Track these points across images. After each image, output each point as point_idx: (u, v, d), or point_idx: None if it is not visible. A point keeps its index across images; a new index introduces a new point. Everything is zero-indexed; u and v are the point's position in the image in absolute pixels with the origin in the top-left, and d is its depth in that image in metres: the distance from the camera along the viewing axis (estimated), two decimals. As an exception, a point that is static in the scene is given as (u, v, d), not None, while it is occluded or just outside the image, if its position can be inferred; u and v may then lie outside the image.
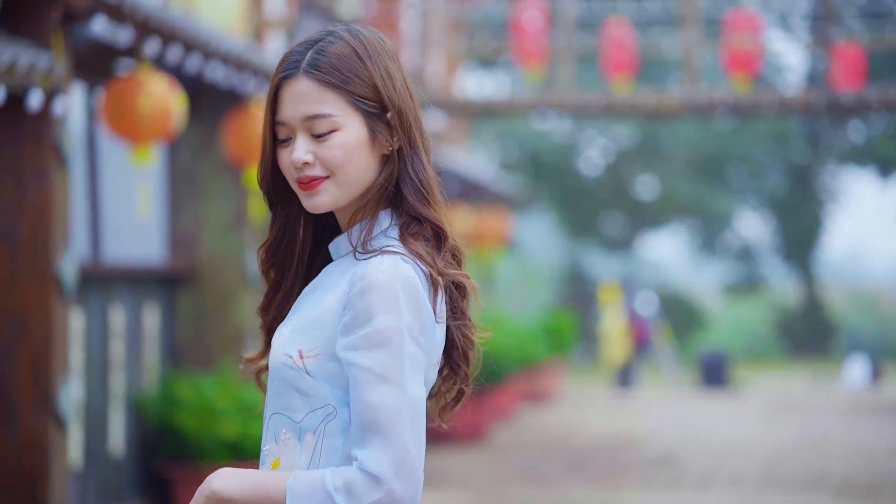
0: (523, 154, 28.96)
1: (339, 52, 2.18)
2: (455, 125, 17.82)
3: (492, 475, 11.03)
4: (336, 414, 2.13)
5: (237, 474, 2.12)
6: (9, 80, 5.84)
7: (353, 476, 2.04)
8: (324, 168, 2.17)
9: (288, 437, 2.15)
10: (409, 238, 2.19)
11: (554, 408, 16.80)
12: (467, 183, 16.45)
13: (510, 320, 16.41)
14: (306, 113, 2.16)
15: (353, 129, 2.17)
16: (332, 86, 2.15)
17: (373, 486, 2.02)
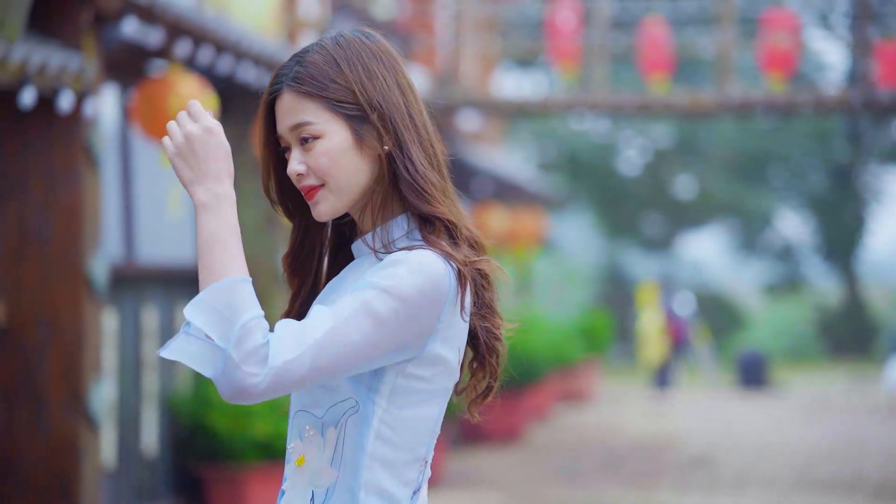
0: (561, 154, 28.91)
1: (317, 60, 2.20)
2: (491, 125, 17.80)
3: (526, 475, 11.02)
4: (358, 408, 2.14)
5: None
6: (39, 82, 5.88)
7: (259, 340, 2.00)
8: (315, 177, 2.19)
9: (312, 434, 2.16)
10: (431, 237, 2.19)
11: (590, 408, 16.76)
12: (502, 183, 16.43)
13: (546, 320, 16.38)
14: (289, 125, 2.19)
15: (336, 134, 2.18)
16: (309, 95, 2.18)
17: (257, 360, 1.98)
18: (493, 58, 16.66)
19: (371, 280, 2.10)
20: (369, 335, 2.07)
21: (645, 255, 30.34)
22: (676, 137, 28.40)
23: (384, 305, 2.08)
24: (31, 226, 6.31)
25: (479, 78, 15.94)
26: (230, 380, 1.99)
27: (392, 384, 2.15)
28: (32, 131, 6.30)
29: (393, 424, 2.16)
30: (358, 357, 2.08)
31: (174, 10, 6.68)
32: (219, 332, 2.00)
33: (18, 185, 6.32)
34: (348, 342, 2.06)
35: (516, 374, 11.08)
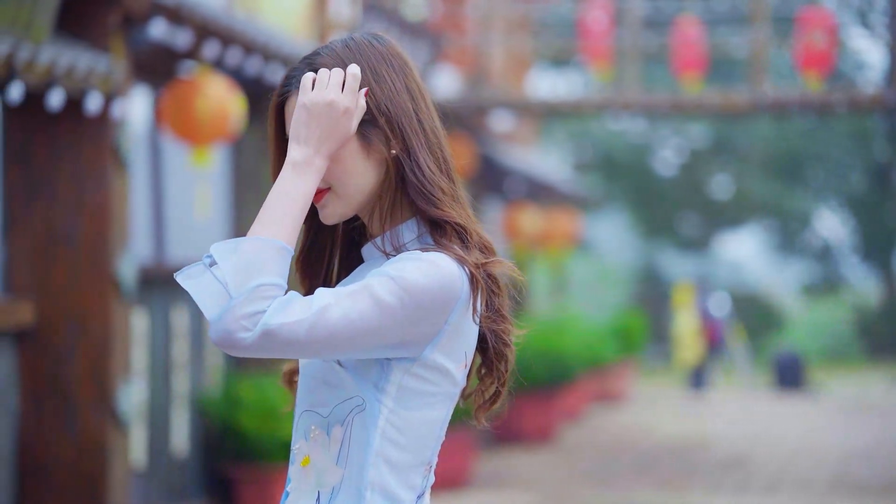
0: (597, 154, 28.84)
1: (326, 64, 2.18)
2: (524, 126, 17.77)
3: (558, 476, 10.99)
4: (365, 406, 2.13)
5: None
6: (67, 84, 5.91)
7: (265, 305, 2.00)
8: (323, 181, 2.18)
9: (317, 433, 2.15)
10: (443, 241, 2.18)
11: (624, 409, 16.70)
12: (536, 183, 16.40)
13: (580, 321, 16.34)
14: None
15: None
16: None
17: (256, 320, 1.99)
18: (527, 58, 16.63)
19: (381, 269, 2.09)
20: (370, 318, 2.05)
21: (681, 255, 30.23)
22: (713, 137, 28.28)
23: (388, 292, 2.06)
24: (59, 227, 6.35)
25: (512, 78, 15.92)
26: (224, 327, 1.99)
27: (399, 384, 2.13)
28: (61, 133, 6.33)
29: (399, 425, 2.14)
30: (355, 338, 2.05)
31: (202, 12, 6.70)
32: (236, 281, 2.00)
33: (47, 186, 6.35)
34: (347, 320, 2.03)
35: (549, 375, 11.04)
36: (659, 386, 20.46)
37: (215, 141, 6.98)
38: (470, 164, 11.53)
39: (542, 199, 17.17)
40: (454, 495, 9.90)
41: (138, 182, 7.70)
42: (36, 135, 6.34)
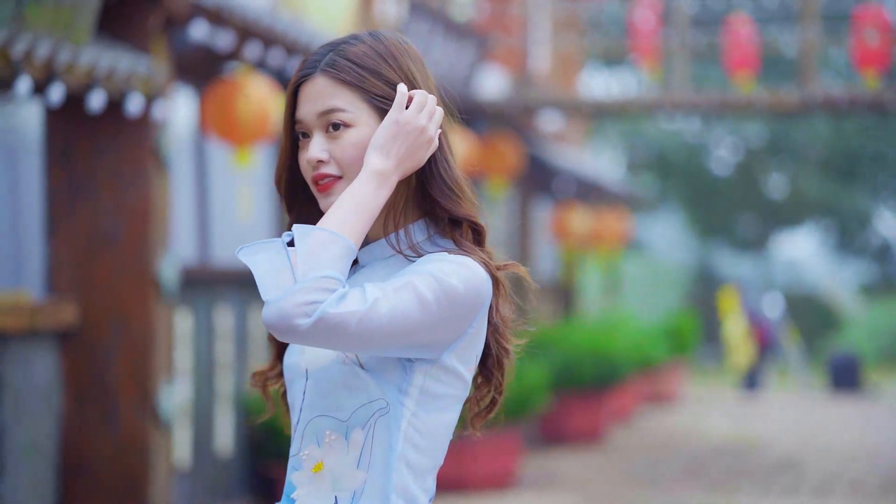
0: (651, 154, 28.69)
1: (358, 52, 2.17)
2: (574, 126, 17.71)
3: (605, 478, 10.93)
4: (389, 409, 2.11)
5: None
6: (108, 86, 5.94)
7: (327, 296, 1.99)
8: (337, 166, 2.15)
9: (333, 438, 2.13)
10: (464, 242, 2.18)
11: (674, 410, 16.60)
12: (585, 183, 16.34)
13: (630, 321, 16.26)
14: (320, 108, 2.15)
15: (369, 126, 2.15)
16: (346, 83, 2.15)
17: (313, 309, 1.98)
18: (577, 58, 16.57)
19: (420, 267, 2.08)
20: (412, 315, 2.05)
21: (737, 255, 30.01)
22: (769, 136, 28.05)
23: (430, 290, 2.06)
24: (101, 228, 6.39)
25: (562, 78, 15.87)
26: (282, 309, 1.98)
27: (421, 386, 2.13)
28: (102, 134, 6.37)
29: (420, 428, 2.14)
30: (396, 334, 2.04)
31: (244, 13, 6.72)
32: (303, 267, 2.00)
33: (89, 187, 6.39)
34: (393, 316, 2.03)
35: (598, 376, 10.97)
36: (711, 387, 20.32)
37: (257, 141, 7.00)
38: (517, 163, 11.50)
39: (591, 199, 17.10)
40: (500, 496, 9.87)
41: (182, 183, 7.74)
42: (78, 136, 6.39)
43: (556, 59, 15.39)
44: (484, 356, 2.22)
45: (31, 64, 5.47)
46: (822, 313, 28.53)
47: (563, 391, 12.48)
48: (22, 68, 5.39)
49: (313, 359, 2.16)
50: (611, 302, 20.44)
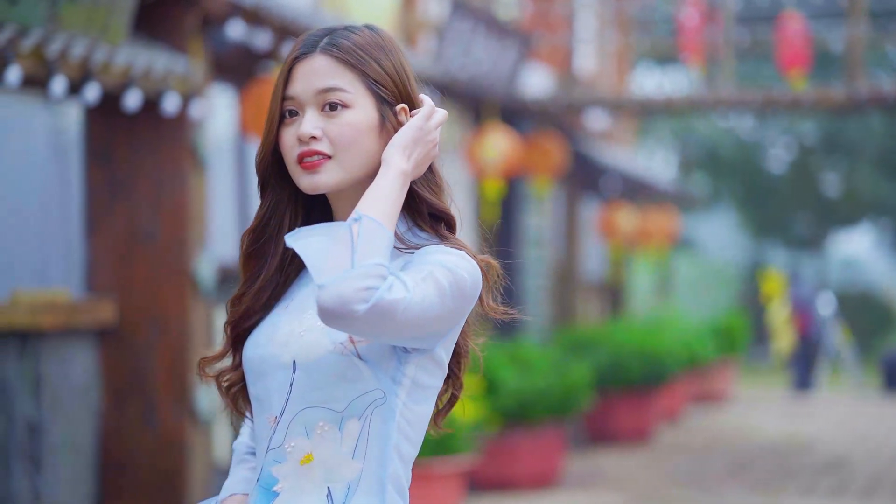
0: (703, 152, 28.52)
1: (359, 38, 2.20)
2: (622, 124, 17.65)
3: (650, 477, 10.88)
4: (385, 400, 2.12)
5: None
6: (144, 85, 5.99)
7: (381, 283, 2.00)
8: (330, 145, 2.15)
9: (326, 429, 2.12)
10: (450, 235, 2.21)
11: (724, 410, 16.49)
12: (632, 181, 16.28)
13: (679, 320, 16.17)
14: (319, 86, 2.16)
15: (365, 110, 2.17)
16: (348, 64, 2.17)
17: (369, 295, 1.99)
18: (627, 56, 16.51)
19: (432, 258, 2.09)
20: (435, 306, 2.06)
21: (792, 254, 29.76)
22: (823, 134, 27.81)
23: (447, 281, 2.07)
24: (139, 227, 6.43)
25: (611, 77, 15.81)
26: (342, 293, 1.97)
27: (412, 377, 2.14)
28: (140, 133, 6.41)
29: (410, 419, 2.15)
30: (421, 323, 2.06)
31: (281, 12, 6.75)
32: (360, 253, 2.00)
33: (128, 186, 6.44)
34: (424, 305, 2.04)
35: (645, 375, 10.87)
36: (761, 387, 20.17)
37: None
38: (563, 162, 11.47)
39: (639, 198, 17.03)
40: (543, 495, 9.85)
41: (221, 182, 7.78)
42: (117, 135, 6.44)
43: (605, 58, 15.33)
44: (453, 352, 2.24)
45: (67, 64, 5.52)
46: (878, 312, 28.24)
47: (610, 390, 12.43)
48: (57, 68, 5.44)
49: (304, 350, 2.14)
50: (662, 301, 20.34)
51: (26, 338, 5.86)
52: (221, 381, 2.29)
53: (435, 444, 7.90)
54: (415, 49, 9.67)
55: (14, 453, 5.80)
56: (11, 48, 5.19)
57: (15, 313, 5.74)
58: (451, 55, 9.50)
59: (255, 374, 2.20)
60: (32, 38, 5.33)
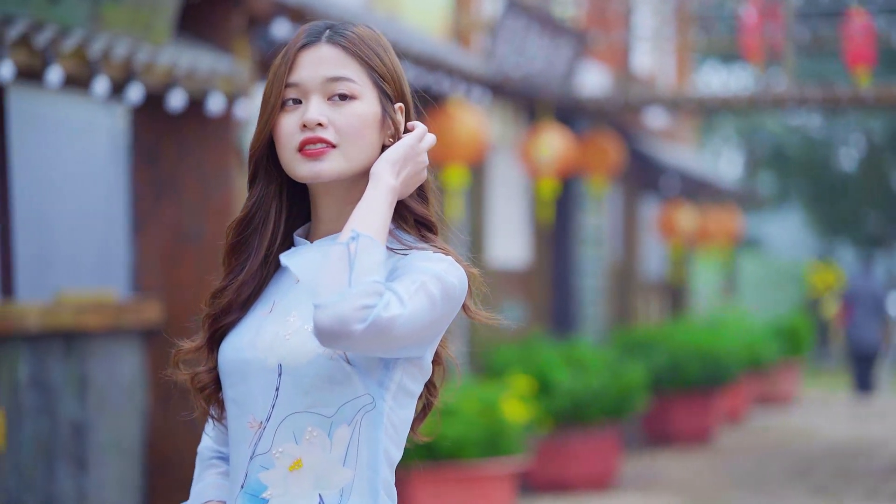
0: (771, 150, 28.22)
1: (363, 33, 2.18)
2: (684, 123, 17.49)
3: (708, 479, 10.76)
4: (374, 405, 2.09)
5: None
6: (189, 85, 5.98)
7: (377, 301, 1.97)
8: (336, 134, 2.12)
9: (315, 434, 2.08)
10: (436, 239, 2.18)
11: (787, 411, 16.29)
12: (693, 180, 16.12)
13: (742, 320, 16.00)
14: (328, 74, 2.13)
15: (370, 103, 2.14)
16: (356, 56, 2.15)
17: (367, 314, 1.96)
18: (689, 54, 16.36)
19: (422, 266, 2.06)
20: (427, 316, 2.04)
21: (862, 252, 29.36)
22: (893, 131, 27.42)
23: (437, 290, 2.05)
24: (186, 227, 6.43)
25: (673, 75, 15.67)
26: (341, 314, 1.94)
27: (398, 382, 2.12)
28: (186, 134, 6.41)
29: (396, 423, 2.13)
30: (415, 336, 2.04)
31: (326, 12, 6.72)
32: (357, 271, 1.97)
33: (174, 185, 6.44)
34: (417, 318, 2.02)
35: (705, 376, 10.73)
36: (826, 388, 19.90)
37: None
38: (619, 161, 11.37)
39: (701, 197, 16.87)
40: (598, 497, 9.77)
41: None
42: (163, 135, 6.44)
43: (664, 56, 15.20)
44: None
45: (109, 64, 5.52)
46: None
47: (668, 391, 12.31)
48: (99, 68, 5.44)
49: (291, 354, 2.09)
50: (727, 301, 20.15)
51: (71, 338, 5.88)
52: (196, 383, 2.24)
53: (485, 444, 7.84)
54: (468, 48, 9.61)
55: (58, 454, 5.82)
56: (53, 48, 5.20)
57: (60, 313, 5.76)
58: (504, 54, 9.44)
59: (235, 377, 2.15)
60: (74, 39, 5.34)
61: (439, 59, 7.97)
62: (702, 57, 24.59)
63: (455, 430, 7.77)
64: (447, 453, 7.79)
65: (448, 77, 8.18)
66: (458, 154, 8.20)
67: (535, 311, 11.37)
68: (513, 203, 10.99)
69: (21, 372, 5.62)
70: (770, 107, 11.06)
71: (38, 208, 6.17)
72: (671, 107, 11.84)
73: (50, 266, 6.24)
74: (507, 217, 10.85)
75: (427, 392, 2.22)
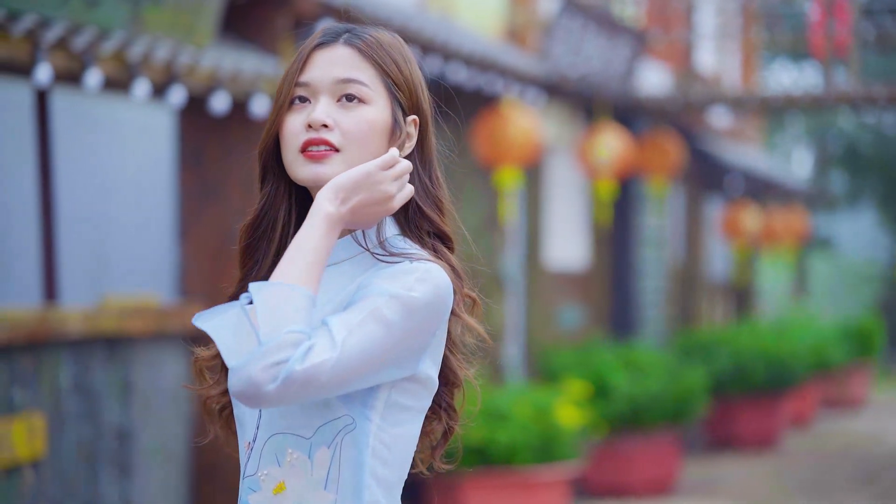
0: (843, 149, 27.82)
1: (384, 38, 2.12)
2: (749, 122, 17.25)
3: (773, 485, 10.57)
4: (355, 425, 2.01)
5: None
6: (233, 87, 5.93)
7: (292, 352, 1.87)
8: (341, 138, 2.03)
9: (296, 457, 2.01)
10: (439, 250, 2.09)
11: (856, 416, 16.00)
12: (758, 180, 15.89)
13: (810, 322, 15.73)
14: (340, 76, 2.05)
15: (381, 110, 2.06)
16: (372, 60, 2.07)
17: (278, 371, 1.86)
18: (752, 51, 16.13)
19: (381, 287, 1.96)
20: (381, 344, 1.94)
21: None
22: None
23: (393, 312, 1.94)
24: (230, 230, 6.38)
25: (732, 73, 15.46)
26: (250, 376, 1.86)
27: (386, 399, 2.02)
28: (231, 136, 6.36)
29: (387, 441, 2.03)
30: (369, 369, 1.94)
31: (374, 12, 6.64)
32: (268, 325, 1.88)
33: (219, 189, 6.39)
34: (364, 352, 1.92)
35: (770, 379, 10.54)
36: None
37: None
38: (680, 161, 11.20)
39: (767, 197, 16.63)
40: (658, 502, 9.62)
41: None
42: (207, 137, 6.39)
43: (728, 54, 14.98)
44: (443, 382, 2.11)
45: (150, 67, 5.48)
46: None
47: (731, 395, 12.12)
48: (139, 71, 5.39)
49: None
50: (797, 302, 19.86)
51: (114, 343, 5.84)
52: (211, 404, 2.18)
53: (538, 450, 7.75)
54: (524, 48, 9.50)
55: (102, 460, 5.78)
56: (91, 51, 5.15)
57: (103, 318, 5.71)
58: (560, 54, 9.32)
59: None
60: (114, 41, 5.29)
61: (491, 59, 7.87)
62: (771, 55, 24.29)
63: (508, 435, 7.68)
64: (500, 459, 7.70)
65: (501, 77, 8.08)
66: (512, 155, 8.09)
67: (594, 313, 11.24)
68: (570, 205, 10.87)
69: (63, 377, 5.59)
70: (834, 105, 10.84)
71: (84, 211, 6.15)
72: (733, 106, 11.65)
73: (94, 270, 6.21)
74: (565, 219, 10.73)
75: (447, 416, 2.13)
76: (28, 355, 5.38)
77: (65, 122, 6.20)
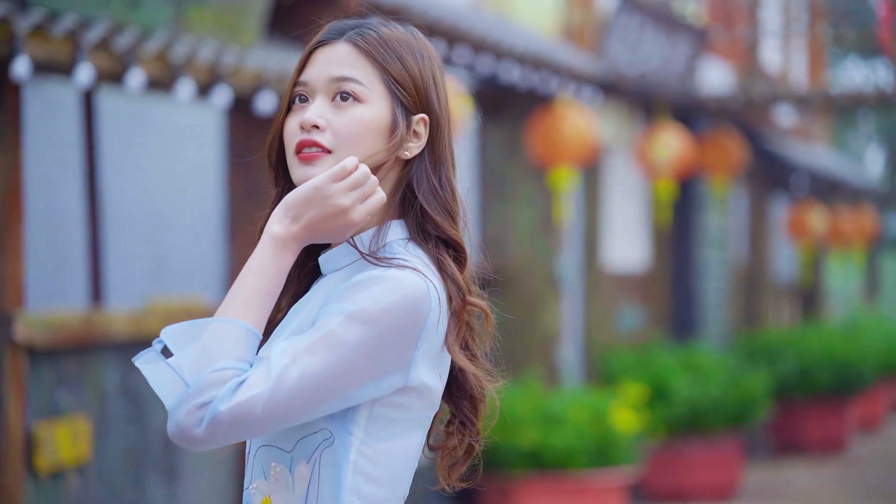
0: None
1: (391, 34, 2.03)
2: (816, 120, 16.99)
3: (840, 491, 10.36)
4: (334, 440, 1.92)
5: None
6: (279, 88, 5.87)
7: (219, 391, 1.80)
8: (333, 138, 1.95)
9: (279, 471, 1.94)
10: (441, 258, 1.98)
11: (928, 419, 15.70)
12: (824, 179, 15.64)
13: (881, 324, 15.45)
14: (334, 74, 1.98)
15: (378, 109, 1.97)
16: (371, 57, 1.99)
17: (203, 412, 1.78)
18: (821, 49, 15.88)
19: (337, 306, 1.87)
20: (334, 368, 1.84)
21: None
22: None
23: (347, 331, 1.85)
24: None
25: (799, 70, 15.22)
26: (178, 421, 1.80)
27: (369, 413, 1.92)
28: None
29: (373, 457, 1.93)
30: (324, 395, 1.84)
31: (423, 11, 6.56)
32: (192, 368, 1.82)
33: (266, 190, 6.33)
34: (309, 379, 1.83)
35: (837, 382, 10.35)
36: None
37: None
38: (743, 160, 11.02)
39: (835, 196, 16.35)
40: (718, 509, 9.48)
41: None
42: (254, 138, 6.34)
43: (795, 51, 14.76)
44: (459, 397, 2.00)
45: (193, 67, 5.43)
46: None
47: (796, 398, 11.91)
48: (183, 71, 5.35)
49: None
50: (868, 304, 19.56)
51: (160, 345, 5.80)
52: None
53: (594, 454, 7.64)
54: (581, 47, 9.38)
55: (148, 464, 5.75)
56: (133, 52, 5.11)
57: (149, 321, 5.68)
58: (617, 52, 9.19)
59: None
60: (156, 42, 5.25)
61: (545, 58, 7.76)
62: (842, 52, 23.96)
63: (563, 439, 7.58)
64: (554, 463, 7.59)
65: (555, 76, 7.97)
66: (567, 155, 7.98)
67: (654, 315, 11.08)
68: (630, 205, 10.73)
69: (109, 381, 5.56)
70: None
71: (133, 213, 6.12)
72: (797, 104, 11.45)
73: (144, 272, 6.18)
74: (624, 219, 10.59)
75: (469, 433, 2.01)
76: (73, 358, 5.36)
77: (112, 123, 6.18)
